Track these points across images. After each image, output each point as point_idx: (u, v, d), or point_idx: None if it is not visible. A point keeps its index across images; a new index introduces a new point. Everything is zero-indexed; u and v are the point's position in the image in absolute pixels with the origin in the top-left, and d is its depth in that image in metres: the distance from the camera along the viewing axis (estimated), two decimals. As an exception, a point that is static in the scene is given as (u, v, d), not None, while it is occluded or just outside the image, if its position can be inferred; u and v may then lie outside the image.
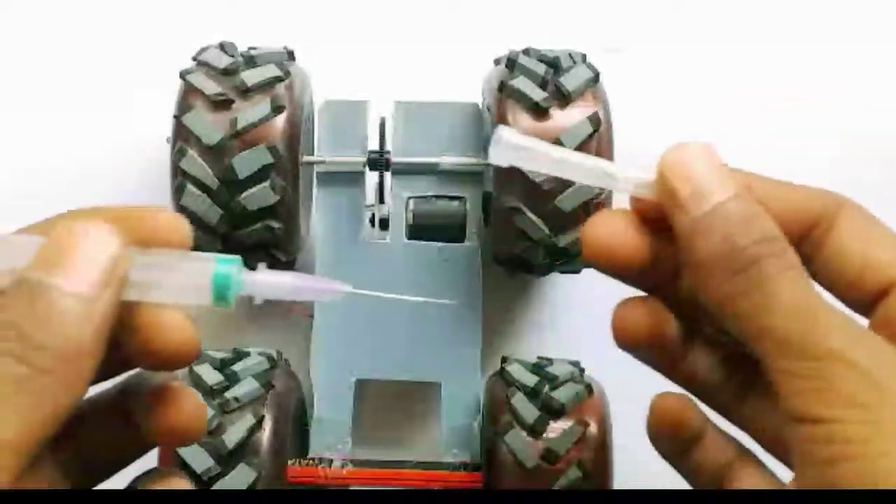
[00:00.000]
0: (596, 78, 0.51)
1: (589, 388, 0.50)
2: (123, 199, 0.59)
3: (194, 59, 0.52)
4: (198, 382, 0.49)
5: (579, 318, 0.60)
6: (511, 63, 0.51)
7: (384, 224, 0.55)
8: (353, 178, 0.55)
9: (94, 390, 0.30)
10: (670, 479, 0.53)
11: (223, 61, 0.51)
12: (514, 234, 0.51)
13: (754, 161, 0.61)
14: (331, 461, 0.52)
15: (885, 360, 0.28)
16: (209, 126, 0.49)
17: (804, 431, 0.27)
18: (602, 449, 0.49)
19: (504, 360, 0.53)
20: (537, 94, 0.50)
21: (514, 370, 0.51)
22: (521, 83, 0.50)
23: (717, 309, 0.29)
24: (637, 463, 0.52)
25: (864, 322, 0.30)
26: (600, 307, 0.60)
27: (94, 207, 0.29)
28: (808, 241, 0.32)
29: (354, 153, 0.54)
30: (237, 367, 0.50)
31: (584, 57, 0.53)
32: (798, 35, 0.63)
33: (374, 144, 0.54)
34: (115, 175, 0.60)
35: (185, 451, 0.47)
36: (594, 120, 0.49)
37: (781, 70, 0.63)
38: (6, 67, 0.61)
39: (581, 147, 0.49)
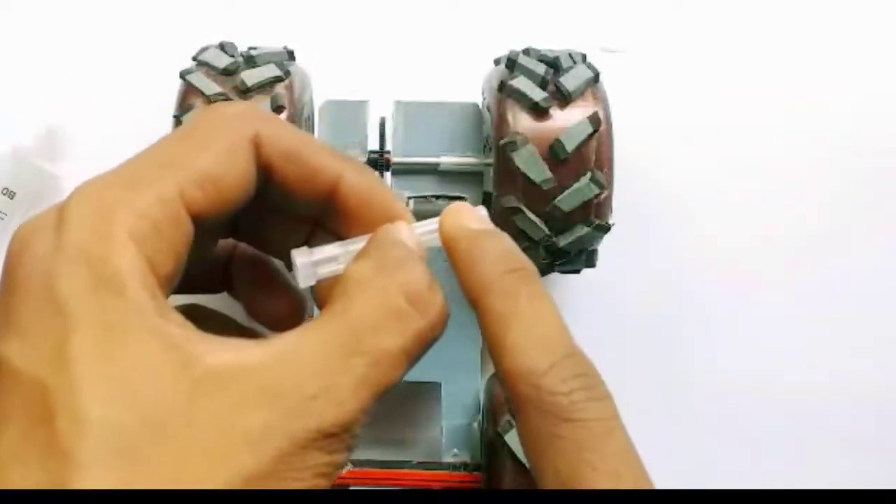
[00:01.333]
0: (596, 78, 0.51)
1: (589, 388, 0.50)
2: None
3: (194, 58, 0.52)
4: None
5: (578, 319, 0.60)
6: (511, 63, 0.51)
7: (384, 224, 0.55)
8: (353, 178, 0.55)
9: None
10: (671, 479, 0.53)
11: (223, 61, 0.51)
12: (514, 234, 0.50)
13: (754, 160, 0.62)
14: (331, 461, 0.51)
15: None
16: (209, 126, 0.49)
17: None
18: (602, 449, 0.49)
19: (504, 359, 0.53)
20: (537, 94, 0.49)
21: (515, 370, 0.51)
22: (521, 83, 0.50)
23: None
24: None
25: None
26: (600, 308, 0.61)
27: None
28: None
29: (354, 153, 0.54)
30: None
31: (584, 57, 0.53)
32: (798, 35, 0.63)
33: (374, 144, 0.54)
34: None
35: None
36: (594, 120, 0.49)
37: (782, 70, 0.63)
38: (6, 66, 0.61)
39: (581, 147, 0.49)
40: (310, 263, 0.32)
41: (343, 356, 0.28)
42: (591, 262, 0.53)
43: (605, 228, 0.51)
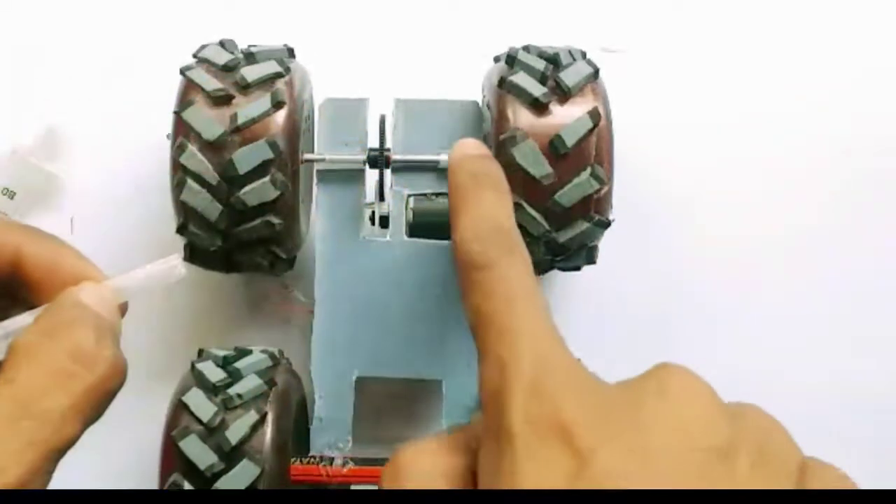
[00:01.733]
0: (596, 74, 0.51)
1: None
2: (124, 196, 0.60)
3: (195, 56, 0.52)
4: (200, 379, 0.49)
5: (578, 316, 0.60)
6: (511, 59, 0.51)
7: (384, 222, 0.55)
8: (353, 176, 0.55)
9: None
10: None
11: (223, 58, 0.51)
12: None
13: (754, 160, 0.62)
14: (332, 459, 0.51)
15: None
16: (209, 121, 0.49)
17: None
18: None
19: (505, 357, 0.53)
20: (537, 90, 0.50)
21: (515, 367, 0.51)
22: (521, 79, 0.50)
23: None
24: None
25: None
26: (600, 305, 0.61)
27: None
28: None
29: (354, 151, 0.54)
30: (240, 364, 0.50)
31: (583, 53, 0.53)
32: (798, 35, 0.63)
33: (374, 142, 0.54)
34: (116, 172, 0.60)
35: (188, 448, 0.47)
36: (594, 115, 0.49)
37: (782, 70, 0.63)
38: (6, 66, 0.61)
39: (581, 142, 0.49)
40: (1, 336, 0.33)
41: (9, 423, 0.29)
42: (591, 259, 0.53)
43: (605, 224, 0.51)
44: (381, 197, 0.55)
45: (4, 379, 0.30)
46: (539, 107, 0.49)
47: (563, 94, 0.50)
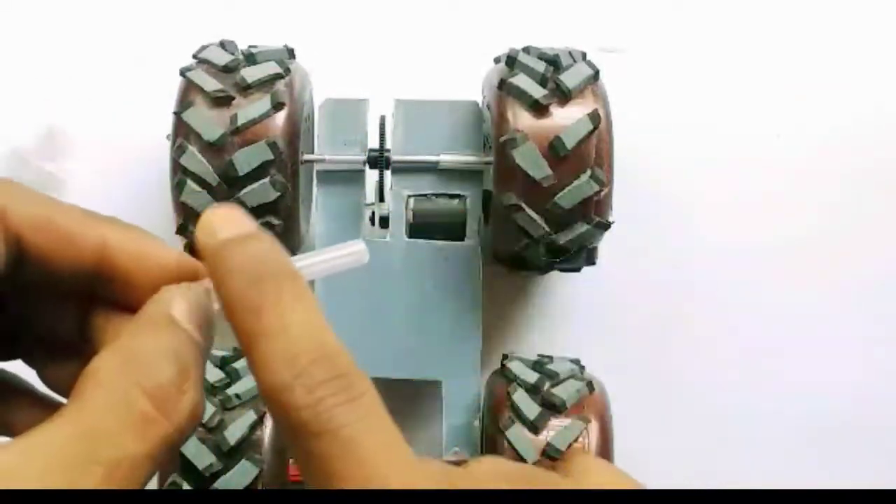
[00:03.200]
0: (596, 75, 0.51)
1: (590, 385, 0.50)
2: (124, 196, 0.60)
3: (195, 56, 0.52)
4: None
5: (578, 316, 0.60)
6: (511, 60, 0.51)
7: (384, 222, 0.55)
8: (353, 177, 0.55)
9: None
10: (671, 479, 0.53)
11: (223, 58, 0.51)
12: (513, 231, 0.51)
13: (754, 160, 0.62)
14: (331, 459, 0.51)
15: None
16: (209, 122, 0.49)
17: None
18: (604, 445, 0.49)
19: (505, 357, 0.53)
20: (537, 92, 0.49)
21: (515, 367, 0.51)
22: (521, 80, 0.50)
23: None
24: (637, 463, 0.52)
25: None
26: (600, 306, 0.61)
27: None
28: None
29: (354, 151, 0.54)
30: (238, 364, 0.50)
31: (583, 55, 0.53)
32: (798, 35, 0.63)
33: (374, 142, 0.54)
34: (116, 172, 0.60)
35: (186, 448, 0.47)
36: (594, 117, 0.49)
37: (782, 70, 0.63)
38: (6, 66, 0.61)
39: (581, 144, 0.49)
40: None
41: (77, 466, 0.25)
42: (591, 260, 0.53)
43: (605, 226, 0.51)
44: (381, 197, 0.55)
45: (71, 410, 0.26)
46: (539, 109, 0.49)
47: (564, 96, 0.50)
